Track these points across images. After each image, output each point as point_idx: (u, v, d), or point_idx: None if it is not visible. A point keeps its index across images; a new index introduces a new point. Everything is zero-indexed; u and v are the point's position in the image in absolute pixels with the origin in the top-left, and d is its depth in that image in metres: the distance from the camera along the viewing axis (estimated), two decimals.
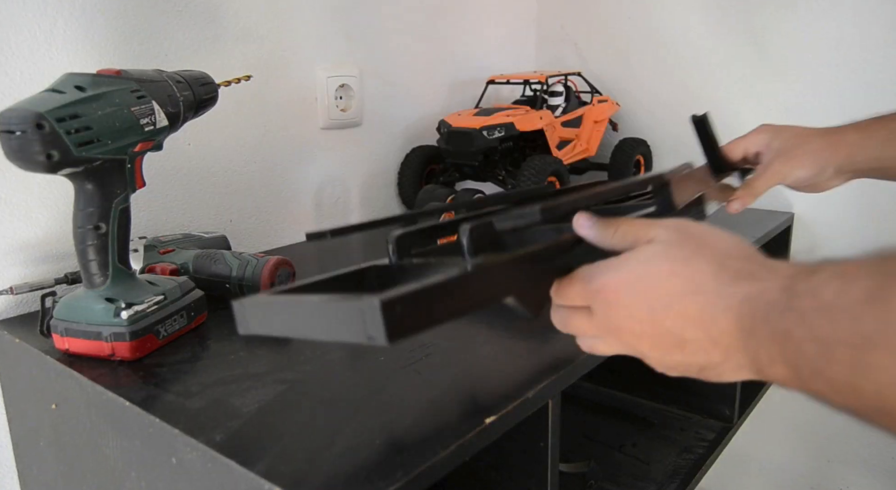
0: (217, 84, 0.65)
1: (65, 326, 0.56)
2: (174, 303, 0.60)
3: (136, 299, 0.57)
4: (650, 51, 1.22)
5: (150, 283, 0.61)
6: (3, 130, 0.48)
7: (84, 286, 0.57)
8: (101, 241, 0.56)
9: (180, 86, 0.60)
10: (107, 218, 0.55)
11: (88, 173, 0.53)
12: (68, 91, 0.51)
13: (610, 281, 0.41)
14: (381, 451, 0.42)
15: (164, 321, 0.58)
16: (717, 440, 0.93)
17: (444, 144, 1.01)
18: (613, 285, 0.40)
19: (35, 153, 0.48)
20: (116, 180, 0.55)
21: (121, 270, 0.57)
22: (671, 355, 0.40)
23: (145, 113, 0.56)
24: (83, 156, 0.51)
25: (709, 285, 0.37)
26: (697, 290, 0.37)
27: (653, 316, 0.39)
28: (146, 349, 0.57)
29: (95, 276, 0.56)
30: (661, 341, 0.39)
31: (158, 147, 0.60)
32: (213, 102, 0.64)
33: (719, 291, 0.36)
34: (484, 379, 0.52)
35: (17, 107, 0.48)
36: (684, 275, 0.38)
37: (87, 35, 0.72)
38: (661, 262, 0.39)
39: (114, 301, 0.56)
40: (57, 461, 0.62)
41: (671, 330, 0.38)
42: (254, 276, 0.67)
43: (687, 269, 0.38)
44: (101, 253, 0.56)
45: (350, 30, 1.00)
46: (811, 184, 0.71)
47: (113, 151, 0.53)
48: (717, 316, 0.36)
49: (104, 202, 0.55)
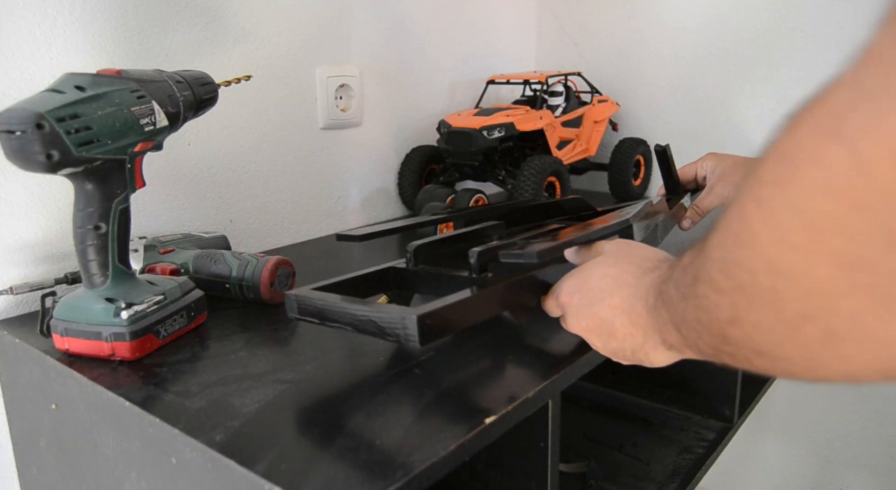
0: (217, 84, 0.65)
1: (65, 326, 0.56)
2: (174, 303, 0.60)
3: (136, 299, 0.57)
4: (650, 51, 1.22)
5: (150, 283, 0.61)
6: (3, 130, 0.48)
7: (84, 286, 0.57)
8: (101, 241, 0.56)
9: (180, 86, 0.60)
10: (107, 218, 0.55)
11: (88, 173, 0.53)
12: (68, 91, 0.51)
13: (566, 286, 0.53)
14: (380, 451, 0.42)
15: (164, 321, 0.58)
16: (717, 440, 0.93)
17: (444, 144, 1.01)
18: (567, 289, 0.53)
19: (35, 153, 0.48)
20: (116, 180, 0.55)
21: (121, 270, 0.57)
22: (610, 342, 0.50)
23: (145, 113, 0.56)
24: (83, 156, 0.51)
25: (629, 280, 0.48)
26: (622, 284, 0.48)
27: (591, 309, 0.50)
28: (146, 349, 0.57)
29: (95, 276, 0.56)
30: (601, 331, 0.50)
31: (158, 147, 0.60)
32: (213, 102, 0.64)
33: (636, 284, 0.47)
34: (484, 379, 0.52)
35: (16, 107, 0.48)
36: (612, 275, 0.49)
37: (87, 35, 0.72)
38: (598, 268, 0.51)
39: (114, 301, 0.56)
40: (57, 461, 0.62)
41: (605, 319, 0.49)
42: (254, 276, 0.67)
43: (615, 271, 0.50)
44: (101, 253, 0.56)
45: (350, 30, 1.00)
46: None
47: (113, 151, 0.53)
48: (634, 303, 0.46)
49: (104, 202, 0.55)
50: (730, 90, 1.14)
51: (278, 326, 0.64)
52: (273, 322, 0.65)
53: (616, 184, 1.17)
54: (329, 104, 0.97)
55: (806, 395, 1.17)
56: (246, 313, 0.67)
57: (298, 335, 0.62)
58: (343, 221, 1.04)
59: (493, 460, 0.59)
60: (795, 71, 1.07)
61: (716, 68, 1.15)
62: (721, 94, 1.15)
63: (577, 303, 0.51)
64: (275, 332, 0.63)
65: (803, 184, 0.24)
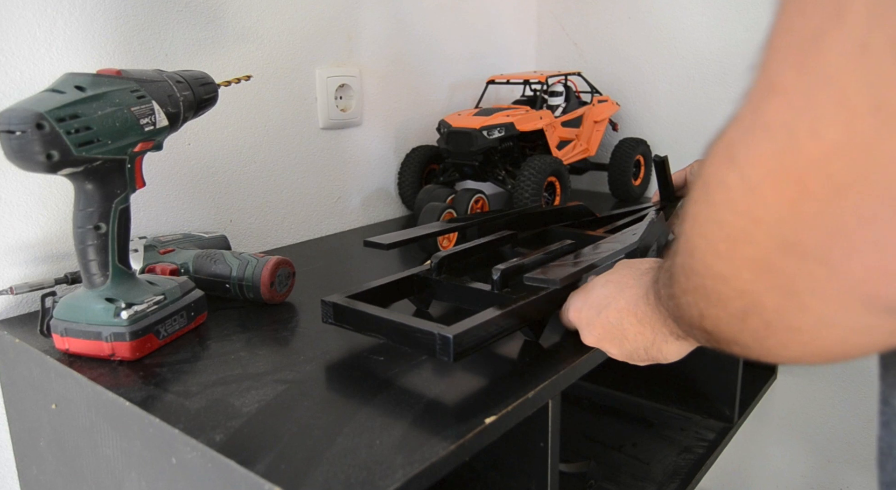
0: (217, 84, 0.65)
1: (65, 326, 0.56)
2: (174, 303, 0.60)
3: (136, 299, 0.57)
4: (650, 51, 1.22)
5: (150, 282, 0.61)
6: (3, 130, 0.48)
7: (84, 286, 0.57)
8: (101, 241, 0.56)
9: (180, 86, 0.60)
10: (107, 218, 0.55)
11: (88, 173, 0.53)
12: (68, 91, 0.51)
13: (573, 303, 0.57)
14: (381, 451, 0.42)
15: (165, 321, 0.58)
16: (717, 440, 0.93)
17: (444, 144, 1.01)
18: (575, 306, 0.56)
19: (35, 153, 0.48)
20: (116, 180, 0.55)
21: (121, 270, 0.57)
22: (624, 345, 0.52)
23: (145, 113, 0.56)
24: (83, 156, 0.51)
25: (630, 282, 0.52)
26: (624, 287, 0.52)
27: (599, 317, 0.53)
28: (146, 349, 0.57)
29: (95, 276, 0.56)
30: (613, 336, 0.52)
31: (158, 147, 0.60)
32: (214, 102, 0.64)
33: (637, 284, 0.51)
34: (484, 379, 0.52)
35: (16, 107, 0.48)
36: (614, 280, 0.53)
37: (87, 35, 0.72)
38: (600, 278, 0.56)
39: (114, 301, 0.56)
40: (57, 461, 0.62)
41: (614, 323, 0.51)
42: (254, 276, 0.67)
43: (616, 276, 0.54)
44: (101, 253, 0.56)
45: (350, 30, 1.00)
46: None
47: (113, 151, 0.53)
48: (638, 302, 0.49)
49: (104, 202, 0.55)
50: (730, 90, 1.14)
51: (278, 326, 0.64)
52: (273, 322, 0.65)
53: (616, 184, 1.17)
54: (329, 104, 0.97)
55: (806, 395, 1.17)
56: (246, 313, 0.67)
57: (298, 335, 0.62)
58: (343, 221, 1.04)
59: (493, 460, 0.59)
60: None
61: (716, 68, 1.15)
62: (721, 95, 1.15)
63: (586, 316, 0.55)
64: (275, 332, 0.63)
65: (717, 203, 0.28)
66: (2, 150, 0.49)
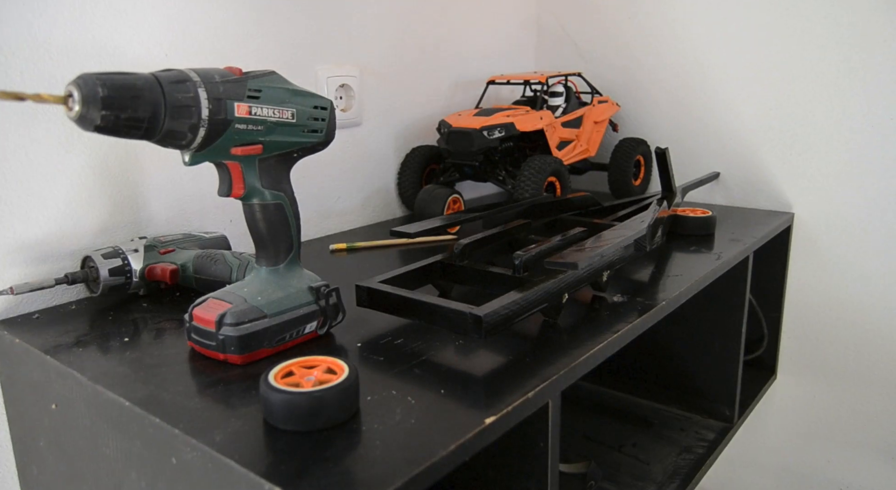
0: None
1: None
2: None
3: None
4: (650, 51, 1.22)
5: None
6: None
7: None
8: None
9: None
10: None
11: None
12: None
13: None
14: (381, 450, 0.42)
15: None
16: (717, 440, 0.93)
17: (444, 144, 1.01)
18: None
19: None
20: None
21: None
22: None
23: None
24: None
25: None
26: None
27: None
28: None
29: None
30: None
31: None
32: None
33: None
34: (484, 379, 0.52)
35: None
36: None
37: (87, 35, 0.71)
38: None
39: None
40: (57, 461, 0.62)
41: None
42: None
43: None
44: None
45: (350, 30, 1.00)
46: None
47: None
48: None
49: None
50: (730, 91, 1.14)
51: None
52: None
53: (616, 184, 1.17)
54: None
55: (806, 395, 1.17)
56: None
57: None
58: (343, 221, 1.04)
59: (493, 460, 0.59)
60: (796, 71, 1.07)
61: (716, 69, 1.15)
62: (721, 95, 1.15)
63: None
64: None
65: None
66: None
